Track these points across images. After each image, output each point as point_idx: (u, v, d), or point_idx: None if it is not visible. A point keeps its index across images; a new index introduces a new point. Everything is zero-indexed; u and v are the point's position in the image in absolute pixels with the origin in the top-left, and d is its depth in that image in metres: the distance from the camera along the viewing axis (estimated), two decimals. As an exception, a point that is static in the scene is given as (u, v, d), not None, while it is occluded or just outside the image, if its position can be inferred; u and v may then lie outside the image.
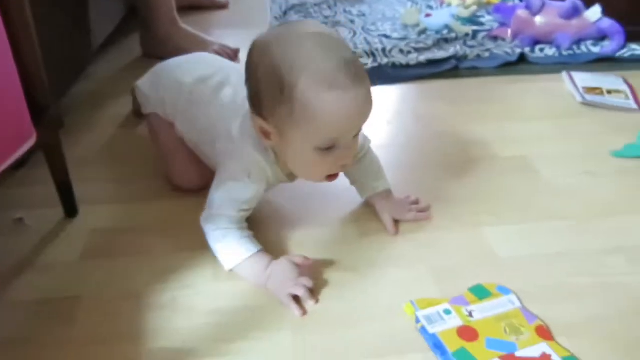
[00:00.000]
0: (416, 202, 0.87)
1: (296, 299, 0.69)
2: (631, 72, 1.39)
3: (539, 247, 0.80)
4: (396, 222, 0.83)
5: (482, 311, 0.68)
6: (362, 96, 0.66)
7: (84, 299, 0.71)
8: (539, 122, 1.18)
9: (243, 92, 0.74)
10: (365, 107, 0.68)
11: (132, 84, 1.16)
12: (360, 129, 0.71)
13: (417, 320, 0.66)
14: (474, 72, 1.39)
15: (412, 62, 1.38)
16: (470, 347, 0.63)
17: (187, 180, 0.90)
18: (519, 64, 1.42)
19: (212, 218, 0.75)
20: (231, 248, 0.73)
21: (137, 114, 1.09)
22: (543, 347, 0.64)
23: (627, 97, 1.25)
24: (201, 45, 1.43)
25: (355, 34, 1.56)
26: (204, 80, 0.86)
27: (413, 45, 1.45)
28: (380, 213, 0.84)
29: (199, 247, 0.79)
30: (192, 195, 0.90)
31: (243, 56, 1.44)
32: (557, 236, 0.83)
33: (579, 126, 1.16)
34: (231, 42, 1.50)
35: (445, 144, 1.08)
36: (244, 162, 0.74)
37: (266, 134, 0.70)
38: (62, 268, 0.76)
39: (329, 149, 0.68)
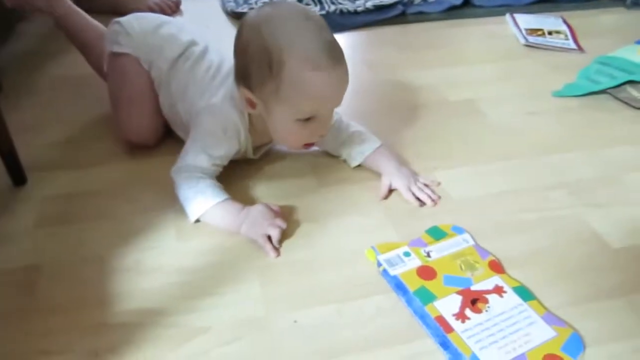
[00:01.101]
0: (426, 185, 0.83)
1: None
2: (570, 12, 1.44)
3: (488, 187, 0.85)
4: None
5: (439, 251, 0.72)
6: (341, 76, 0.73)
7: (44, 268, 0.70)
8: (484, 65, 1.21)
9: (226, 62, 0.83)
10: (343, 85, 0.75)
11: (69, 42, 1.11)
12: (338, 105, 0.77)
13: (379, 264, 0.69)
14: (421, 17, 1.40)
15: (360, 9, 1.37)
16: (429, 285, 0.67)
17: (139, 132, 0.88)
18: (464, 8, 1.44)
19: (186, 167, 0.77)
20: (204, 192, 0.75)
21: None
22: (496, 279, 0.68)
23: (566, 38, 1.30)
24: (140, -2, 1.36)
25: (300, -20, 1.52)
26: (195, 43, 0.88)
27: (360, -10, 1.43)
28: (384, 176, 0.83)
29: (159, 207, 0.78)
30: (145, 156, 0.88)
31: (184, 6, 1.41)
32: (504, 175, 0.87)
33: (523, 67, 1.20)
34: (172, -8, 1.44)
35: (395, 90, 1.10)
36: (222, 119, 0.78)
37: (251, 104, 0.76)
38: (16, 238, 0.74)
39: (308, 119, 0.74)
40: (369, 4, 1.38)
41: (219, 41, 0.93)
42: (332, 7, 1.37)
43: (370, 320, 0.64)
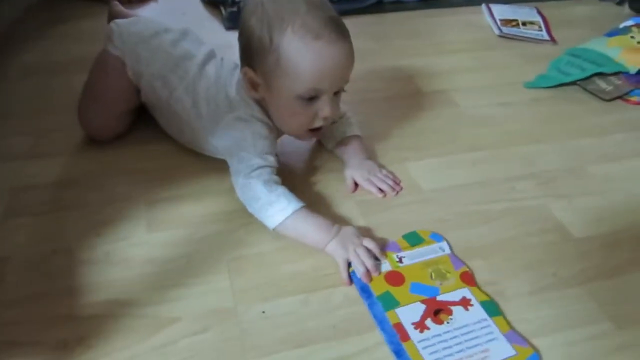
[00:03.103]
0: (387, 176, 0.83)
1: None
2: (544, 2, 1.45)
3: (458, 178, 0.86)
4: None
5: (411, 257, 0.70)
6: (345, 50, 0.72)
7: (12, 259, 0.69)
8: (459, 55, 1.22)
9: (228, 64, 0.83)
10: (346, 62, 0.73)
11: (42, 27, 1.09)
12: (341, 85, 0.75)
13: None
14: (398, 6, 1.40)
15: (336, -3, 1.37)
16: (394, 291, 0.66)
17: (95, 128, 0.88)
18: (441, -4, 1.45)
19: (247, 176, 0.72)
20: (287, 196, 0.71)
21: None
22: (464, 292, 0.66)
23: (540, 29, 1.32)
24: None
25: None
26: (191, 57, 0.85)
27: (336, -21, 1.43)
28: (346, 169, 0.83)
29: (130, 198, 0.79)
30: (116, 146, 0.88)
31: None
32: (475, 166, 0.89)
33: (496, 58, 1.21)
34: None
35: (371, 81, 1.10)
36: (244, 111, 0.77)
37: (254, 85, 0.75)
38: (-16, 230, 0.74)
39: (310, 99, 0.72)
40: (346, -8, 1.38)
41: (195, 29, 0.93)
42: (309, -5, 1.37)
43: (337, 310, 0.65)
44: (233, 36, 1.22)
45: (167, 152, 0.86)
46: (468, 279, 0.68)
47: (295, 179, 0.84)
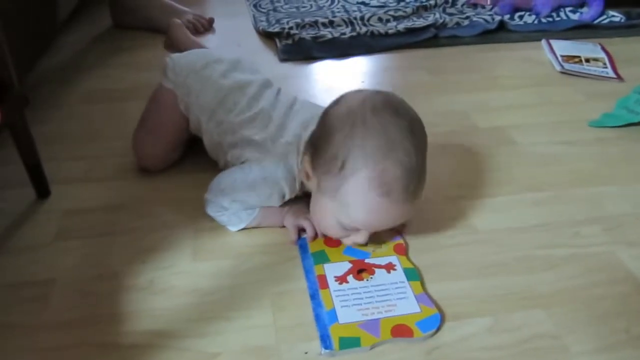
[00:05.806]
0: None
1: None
2: (609, 39, 1.39)
3: (516, 220, 0.81)
4: None
5: None
6: (405, 212, 0.69)
7: (59, 281, 0.70)
8: (517, 91, 1.18)
9: (285, 99, 0.83)
10: (401, 219, 0.71)
11: (104, 56, 1.12)
12: (389, 227, 0.72)
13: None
14: (454, 40, 1.38)
15: (391, 31, 1.36)
16: (329, 251, 0.73)
17: (147, 158, 0.89)
18: (499, 32, 1.42)
19: (217, 204, 0.77)
20: (239, 215, 0.77)
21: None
22: (392, 258, 0.72)
23: (605, 65, 1.26)
24: (173, 15, 1.39)
25: (333, 1, 1.53)
26: (241, 87, 0.84)
27: (392, 13, 1.43)
28: None
29: (176, 225, 0.78)
30: (167, 174, 0.88)
31: (217, 25, 1.43)
32: (535, 208, 0.83)
33: (558, 95, 1.16)
34: (206, 11, 1.46)
35: (425, 115, 1.05)
36: (271, 184, 0.74)
37: (307, 175, 0.72)
38: (36, 250, 0.74)
39: (350, 229, 0.70)
40: (400, 27, 1.37)
41: (251, 60, 0.93)
42: (364, 29, 1.37)
43: (381, 355, 0.61)
44: (287, 68, 1.25)
45: (216, 181, 0.85)
46: (400, 249, 0.74)
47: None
